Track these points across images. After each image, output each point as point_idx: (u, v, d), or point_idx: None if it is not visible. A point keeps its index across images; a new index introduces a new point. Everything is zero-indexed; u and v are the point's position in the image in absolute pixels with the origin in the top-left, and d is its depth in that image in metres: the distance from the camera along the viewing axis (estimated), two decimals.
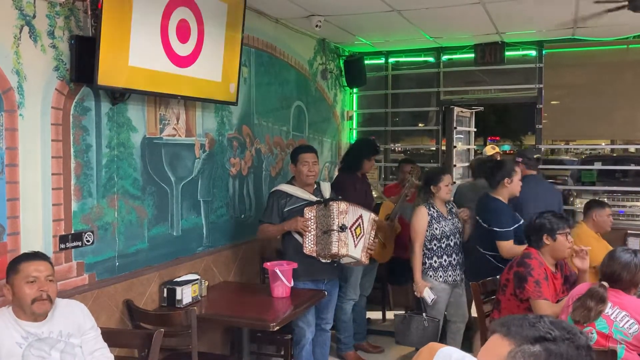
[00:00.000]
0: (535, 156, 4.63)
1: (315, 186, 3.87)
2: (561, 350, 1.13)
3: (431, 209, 3.96)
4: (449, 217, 4.00)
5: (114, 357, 2.61)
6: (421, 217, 3.94)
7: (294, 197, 3.75)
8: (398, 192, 5.22)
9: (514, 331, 1.17)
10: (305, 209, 3.69)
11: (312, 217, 3.66)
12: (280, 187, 3.85)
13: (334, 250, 3.57)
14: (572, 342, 1.14)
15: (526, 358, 1.14)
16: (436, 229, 3.92)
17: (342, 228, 3.59)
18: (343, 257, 3.66)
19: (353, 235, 3.70)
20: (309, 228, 3.65)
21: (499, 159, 6.36)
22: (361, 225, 3.75)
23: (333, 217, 3.59)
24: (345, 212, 3.64)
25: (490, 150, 6.63)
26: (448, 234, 3.95)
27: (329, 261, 3.72)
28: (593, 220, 4.17)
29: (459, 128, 6.24)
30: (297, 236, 3.73)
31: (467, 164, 6.72)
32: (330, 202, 3.63)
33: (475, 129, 6.86)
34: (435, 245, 3.93)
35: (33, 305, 2.31)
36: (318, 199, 3.78)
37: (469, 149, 6.73)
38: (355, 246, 3.71)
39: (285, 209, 3.72)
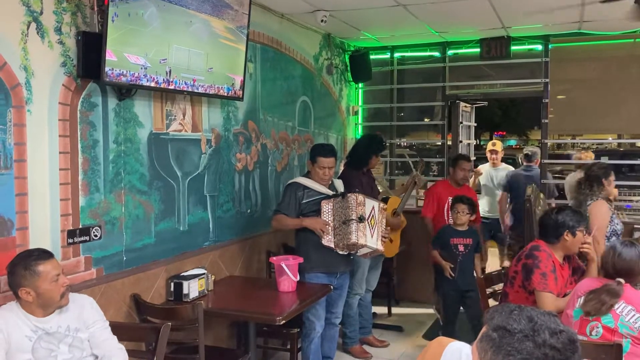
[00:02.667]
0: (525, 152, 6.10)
1: (330, 182, 3.93)
2: (514, 341, 1.17)
3: (609, 203, 3.79)
4: None
5: (124, 347, 2.62)
6: (605, 212, 3.77)
7: (311, 190, 3.81)
8: (446, 189, 5.02)
9: (492, 317, 1.24)
10: (322, 202, 3.74)
11: (329, 210, 3.72)
12: (297, 179, 3.90)
13: (354, 239, 3.62)
14: (528, 338, 1.17)
15: (484, 341, 1.21)
16: (617, 224, 3.76)
17: (361, 219, 3.66)
18: (362, 247, 3.70)
19: (369, 226, 3.75)
20: (328, 231, 3.70)
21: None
22: (374, 216, 3.82)
23: (352, 208, 3.65)
24: (362, 204, 3.70)
25: (490, 145, 6.60)
26: (619, 232, 3.79)
27: (345, 253, 3.76)
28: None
29: (464, 123, 6.22)
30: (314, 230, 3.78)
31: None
32: (348, 194, 3.71)
33: (475, 124, 6.82)
34: None
35: (61, 300, 2.39)
36: (334, 192, 3.84)
37: (469, 144, 6.70)
38: (372, 236, 3.76)
39: (303, 201, 3.78)
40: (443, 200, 4.94)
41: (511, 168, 6.47)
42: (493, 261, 6.72)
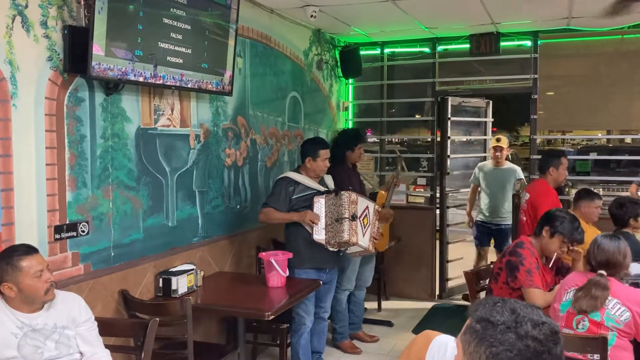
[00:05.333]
0: None
1: (319, 177, 3.93)
2: (496, 333, 1.18)
3: None
4: None
5: (109, 352, 2.61)
6: None
7: (302, 185, 3.81)
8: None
9: (476, 309, 1.24)
10: (314, 198, 3.74)
11: (322, 206, 3.72)
12: (288, 174, 3.90)
13: (346, 237, 3.63)
14: (511, 329, 1.17)
15: (467, 333, 1.22)
16: None
17: (354, 217, 3.67)
18: (353, 245, 3.71)
19: (361, 225, 3.76)
20: (317, 222, 3.70)
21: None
22: (368, 216, 3.83)
23: (345, 206, 3.65)
24: (355, 202, 3.70)
25: (494, 141, 6.25)
26: None
27: (335, 249, 3.76)
28: (580, 211, 4.18)
29: (468, 119, 6.18)
30: (305, 224, 3.77)
31: (484, 154, 6.53)
32: (342, 192, 3.71)
33: (492, 119, 6.65)
34: None
35: (46, 295, 2.36)
36: (326, 188, 3.83)
37: (485, 140, 6.60)
38: (363, 235, 3.78)
39: (294, 197, 3.77)
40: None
41: (517, 168, 5.91)
42: None
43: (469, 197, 6.21)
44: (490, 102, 6.57)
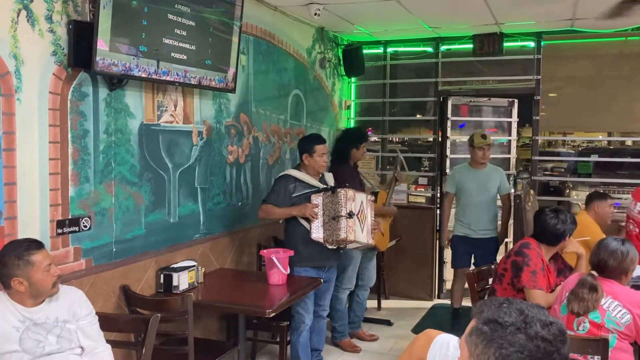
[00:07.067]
0: None
1: (320, 175, 3.91)
2: (506, 334, 1.17)
3: None
4: None
5: (110, 346, 2.61)
6: None
7: (302, 183, 3.80)
8: None
9: (481, 310, 1.23)
10: (312, 196, 3.74)
11: (319, 204, 3.70)
12: (289, 172, 3.89)
13: (343, 235, 3.62)
14: (520, 330, 1.17)
15: (474, 335, 1.20)
16: None
17: (350, 215, 3.65)
18: (351, 242, 3.69)
19: (359, 221, 3.75)
20: (317, 215, 3.69)
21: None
22: (363, 210, 3.80)
23: (341, 204, 3.64)
24: (352, 199, 3.69)
25: (479, 138, 5.73)
26: None
27: (334, 247, 3.76)
28: (595, 212, 4.21)
29: (477, 118, 6.14)
30: (303, 222, 3.77)
31: (508, 155, 6.36)
32: (338, 190, 3.70)
33: (517, 119, 6.43)
34: None
35: (53, 289, 2.38)
36: (325, 186, 3.83)
37: (510, 140, 6.49)
38: (362, 231, 3.76)
39: (294, 195, 3.76)
40: None
41: (499, 168, 5.19)
42: None
43: (445, 210, 5.21)
44: (516, 100, 6.37)
